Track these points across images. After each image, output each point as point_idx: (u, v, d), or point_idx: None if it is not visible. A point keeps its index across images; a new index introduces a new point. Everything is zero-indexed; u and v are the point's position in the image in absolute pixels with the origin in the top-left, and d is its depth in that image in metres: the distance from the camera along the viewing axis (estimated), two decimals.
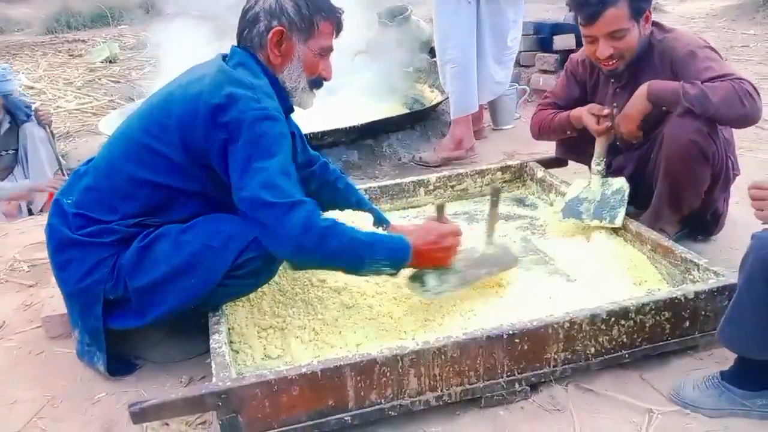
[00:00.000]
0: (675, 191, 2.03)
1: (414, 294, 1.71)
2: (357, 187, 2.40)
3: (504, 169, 2.59)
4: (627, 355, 1.55)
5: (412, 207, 2.52)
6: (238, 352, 1.64)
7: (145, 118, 1.65)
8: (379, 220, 2.09)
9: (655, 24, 2.13)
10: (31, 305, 2.11)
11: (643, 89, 1.97)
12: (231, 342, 1.64)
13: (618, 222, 2.04)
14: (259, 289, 1.72)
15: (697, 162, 1.93)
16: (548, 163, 2.57)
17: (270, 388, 1.33)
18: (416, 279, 1.68)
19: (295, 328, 1.68)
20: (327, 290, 1.76)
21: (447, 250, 1.65)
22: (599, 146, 2.15)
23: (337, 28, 1.73)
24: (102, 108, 5.44)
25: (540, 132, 2.39)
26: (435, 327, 1.66)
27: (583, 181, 2.19)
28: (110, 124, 3.89)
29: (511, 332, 1.44)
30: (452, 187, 2.55)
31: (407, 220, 2.42)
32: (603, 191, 2.10)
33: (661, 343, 1.57)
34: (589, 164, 2.28)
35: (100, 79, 6.64)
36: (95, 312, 1.60)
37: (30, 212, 4.00)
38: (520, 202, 2.52)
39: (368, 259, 1.53)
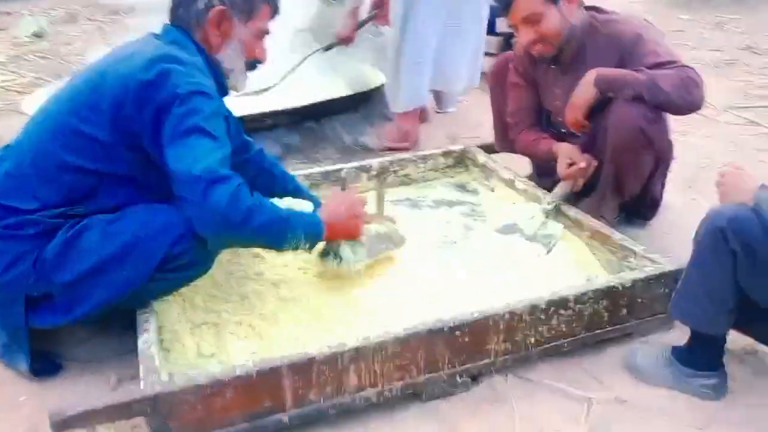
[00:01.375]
0: (619, 177, 2.05)
1: (328, 268, 1.74)
2: (299, 172, 2.38)
3: (446, 154, 2.57)
4: (566, 345, 1.56)
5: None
6: (169, 351, 1.56)
7: (72, 99, 1.55)
8: (315, 202, 2.06)
9: (594, 8, 2.14)
10: None
11: (589, 76, 1.97)
12: (162, 340, 1.57)
13: (554, 252, 1.98)
14: (192, 284, 1.65)
15: (642, 148, 1.96)
16: (490, 148, 2.57)
17: (202, 392, 1.28)
18: (329, 254, 1.73)
19: (231, 324, 1.63)
20: (264, 283, 1.70)
21: (357, 218, 1.75)
22: (560, 189, 2.11)
23: (274, 11, 1.70)
24: (28, 85, 5.12)
25: (531, 158, 2.41)
26: (374, 319, 1.63)
27: (527, 210, 2.14)
28: (35, 103, 3.64)
29: (452, 324, 1.43)
30: (395, 172, 2.51)
31: None
32: (538, 230, 2.05)
33: (599, 331, 1.59)
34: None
35: (26, 54, 6.29)
36: (16, 310, 1.50)
37: None
38: (462, 187, 2.50)
39: (290, 234, 1.53)
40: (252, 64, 1.72)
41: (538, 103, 2.30)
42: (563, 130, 2.21)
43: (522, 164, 2.54)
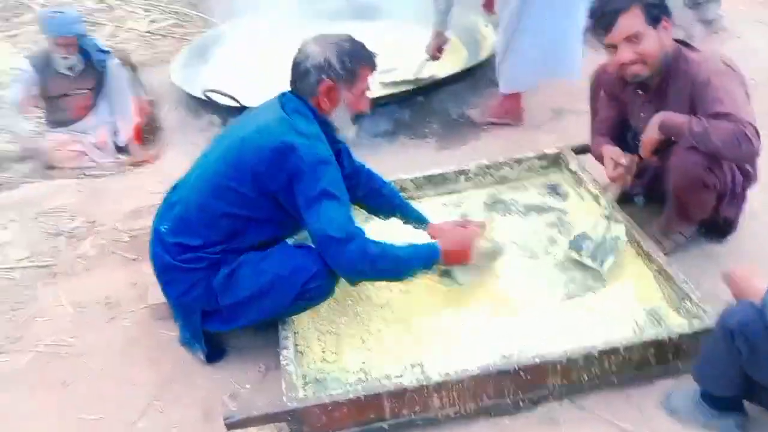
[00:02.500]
0: (682, 209, 2.27)
1: (446, 286, 2.17)
2: (405, 177, 2.73)
3: (541, 158, 2.80)
4: (616, 380, 1.90)
5: (454, 193, 2.79)
6: (303, 354, 2.06)
7: (220, 161, 2.00)
8: (419, 220, 2.42)
9: (683, 43, 2.23)
10: (136, 284, 2.57)
11: (656, 119, 2.15)
12: (297, 344, 2.08)
13: (605, 269, 2.22)
14: None
15: (699, 192, 2.16)
16: (585, 149, 2.76)
17: (326, 408, 1.77)
18: (446, 275, 2.14)
19: (347, 336, 2.09)
20: (372, 305, 2.15)
21: (469, 250, 2.10)
22: (611, 190, 2.37)
23: (373, 69, 2.06)
24: (170, 30, 5.66)
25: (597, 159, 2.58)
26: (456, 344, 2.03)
27: (592, 219, 2.37)
28: (179, 70, 4.18)
29: (517, 367, 1.81)
30: (491, 174, 2.79)
31: (447, 207, 2.71)
32: (604, 234, 2.26)
33: (645, 372, 1.90)
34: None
35: None
36: (194, 320, 2.07)
37: (116, 146, 4.43)
38: (554, 189, 2.74)
39: (408, 271, 2.01)
40: (359, 117, 2.10)
41: (619, 119, 2.47)
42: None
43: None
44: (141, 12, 6.08)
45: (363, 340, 2.08)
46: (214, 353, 2.17)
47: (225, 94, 3.47)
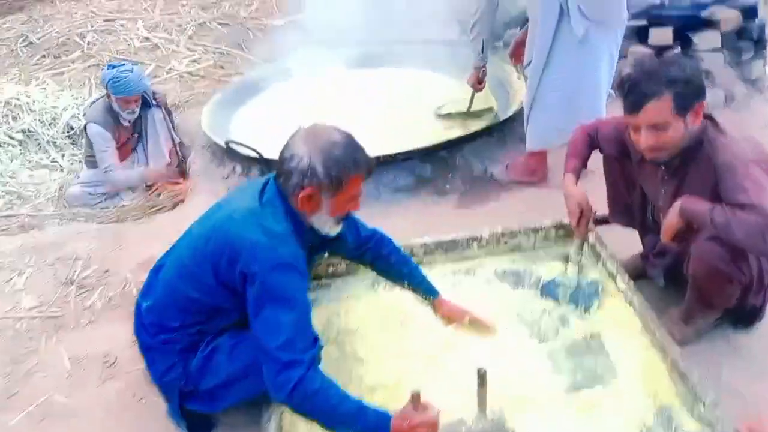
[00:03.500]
0: (704, 299, 2.11)
1: None
2: (415, 241, 2.64)
3: (558, 227, 2.67)
4: None
5: (465, 260, 2.68)
6: None
7: (191, 246, 1.95)
8: (428, 291, 2.33)
9: (711, 120, 2.09)
10: (136, 342, 2.55)
11: (677, 205, 2.02)
12: (281, 426, 1.99)
13: (591, 314, 2.24)
14: None
15: (722, 284, 2.01)
16: (605, 219, 2.62)
17: None
18: None
19: None
20: (366, 388, 2.03)
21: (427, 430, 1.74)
22: (578, 239, 2.41)
23: (369, 175, 1.91)
24: (210, 70, 5.77)
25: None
26: None
27: (560, 265, 2.44)
28: (210, 115, 4.23)
29: None
30: (505, 242, 2.68)
31: (457, 276, 2.60)
32: (579, 279, 2.32)
33: None
34: (635, 227, 2.44)
35: (210, 22, 6.94)
36: (174, 400, 2.01)
37: (147, 185, 4.49)
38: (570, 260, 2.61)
39: (343, 428, 1.76)
40: (344, 217, 1.97)
41: (612, 151, 2.38)
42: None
43: (634, 239, 2.58)
44: (185, 51, 6.23)
45: None
46: (200, 427, 2.10)
47: (246, 146, 3.47)
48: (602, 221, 2.64)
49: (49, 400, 2.32)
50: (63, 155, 4.78)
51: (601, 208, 2.66)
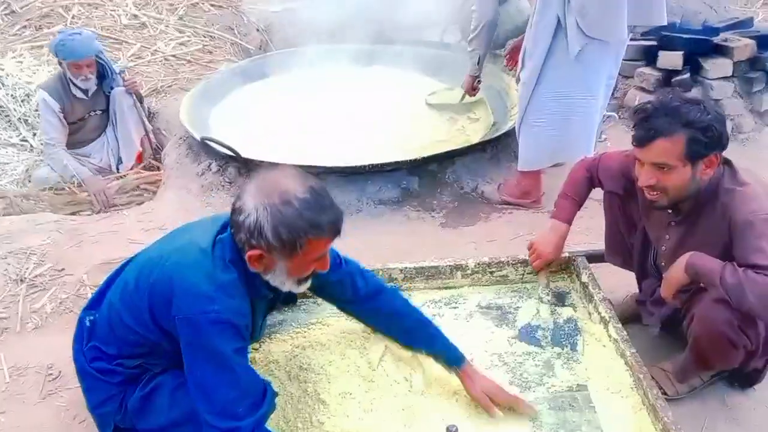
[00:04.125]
0: (702, 361, 1.96)
1: None
2: (395, 266, 2.44)
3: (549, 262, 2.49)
4: None
5: (447, 288, 2.50)
6: None
7: (137, 271, 1.72)
8: (453, 360, 1.97)
9: (729, 166, 1.91)
10: None
11: (683, 260, 1.84)
12: None
13: (579, 349, 2.13)
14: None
15: (725, 351, 1.84)
16: (599, 257, 2.45)
17: None
18: None
19: None
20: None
21: None
22: (544, 278, 2.35)
23: (333, 236, 1.63)
24: (197, 55, 5.53)
25: None
26: None
27: (530, 309, 2.32)
28: (189, 106, 4.00)
29: None
30: (491, 273, 2.49)
31: (438, 305, 2.41)
32: (554, 319, 2.24)
33: None
34: (632, 269, 2.31)
35: (204, 2, 6.67)
36: None
37: (119, 171, 4.31)
38: (560, 299, 2.42)
39: None
40: (308, 278, 1.69)
41: (616, 189, 2.22)
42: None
43: (630, 279, 2.41)
44: (174, 33, 5.96)
45: None
46: None
47: (223, 144, 3.26)
48: (597, 259, 2.47)
49: None
50: (34, 134, 4.53)
51: (598, 241, 2.50)
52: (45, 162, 4.15)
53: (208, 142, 3.34)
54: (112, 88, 4.12)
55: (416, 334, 1.98)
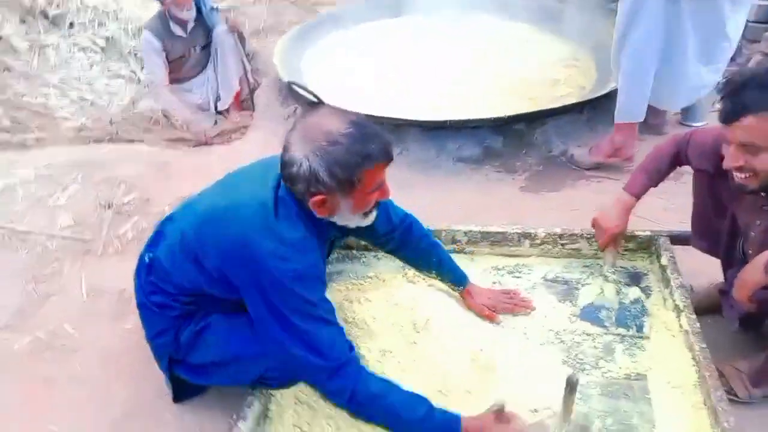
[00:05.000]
0: None
1: None
2: (459, 228, 2.36)
3: (629, 239, 2.30)
4: None
5: (513, 256, 2.38)
6: (271, 420, 1.82)
7: (200, 223, 1.71)
8: (459, 280, 2.12)
9: None
10: None
11: (761, 258, 1.63)
12: (268, 408, 1.84)
13: (645, 331, 2.02)
14: None
15: None
16: (682, 240, 2.24)
17: None
18: None
19: (323, 415, 1.81)
20: None
21: None
22: (609, 255, 2.18)
23: (387, 161, 1.61)
24: None
25: None
26: None
27: (594, 287, 2.19)
28: (285, 49, 4.01)
29: None
30: (562, 245, 2.34)
31: (501, 272, 2.31)
32: (620, 300, 2.12)
33: None
34: (718, 256, 2.08)
35: None
36: (163, 363, 1.88)
37: (217, 108, 4.46)
38: (635, 280, 2.24)
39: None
40: (373, 209, 1.69)
41: (704, 168, 1.98)
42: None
43: (716, 267, 2.19)
44: None
45: (338, 427, 1.79)
46: (185, 393, 1.98)
47: (307, 90, 3.25)
48: (681, 241, 2.25)
49: (58, 329, 2.28)
50: (142, 68, 4.74)
51: (685, 223, 2.28)
52: (149, 96, 4.35)
53: (294, 87, 3.34)
54: (212, 25, 4.22)
55: (429, 257, 2.10)
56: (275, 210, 1.61)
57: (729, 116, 1.61)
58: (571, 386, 1.64)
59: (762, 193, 1.78)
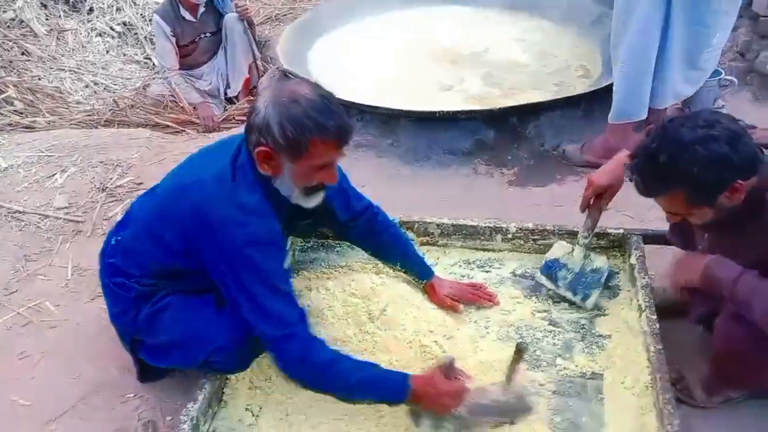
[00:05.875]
0: (728, 379, 1.73)
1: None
2: (431, 220, 2.36)
3: (601, 236, 2.27)
4: None
5: (485, 250, 2.38)
6: (226, 405, 1.87)
7: (163, 200, 1.79)
8: (423, 274, 2.13)
9: None
10: None
11: (702, 261, 1.62)
12: (223, 392, 1.89)
13: (589, 305, 2.07)
14: None
15: (748, 369, 1.59)
16: (658, 240, 2.20)
17: None
18: (414, 413, 1.73)
19: (273, 401, 1.85)
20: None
21: (446, 406, 1.67)
22: (589, 219, 2.11)
23: (340, 143, 1.62)
24: None
25: None
26: None
27: (567, 245, 2.19)
28: (288, 40, 4.03)
29: None
30: (534, 240, 2.33)
31: (470, 266, 2.31)
32: (583, 264, 2.12)
33: None
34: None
35: None
36: (126, 343, 1.94)
37: (226, 96, 4.53)
38: (609, 278, 2.21)
39: (360, 397, 1.71)
40: (315, 189, 1.71)
41: None
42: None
43: None
44: None
45: (287, 412, 1.83)
46: (152, 373, 2.03)
47: (300, 78, 3.27)
48: (657, 240, 2.21)
49: (41, 305, 2.37)
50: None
51: None
52: (159, 80, 4.44)
53: (289, 75, 3.37)
54: (223, 11, 4.27)
55: (393, 249, 2.12)
56: (233, 175, 1.66)
57: (643, 194, 1.62)
58: (518, 352, 1.67)
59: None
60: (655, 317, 1.93)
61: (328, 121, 1.57)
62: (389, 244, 2.12)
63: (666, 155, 1.50)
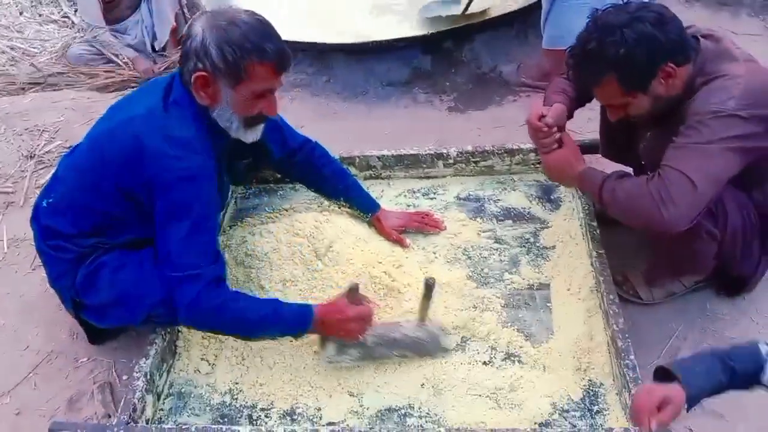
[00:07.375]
0: (668, 261, 1.81)
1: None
2: (372, 153, 2.34)
3: (536, 150, 2.28)
4: None
5: (428, 177, 2.37)
6: (180, 357, 1.86)
7: (91, 149, 1.73)
8: (368, 207, 2.13)
9: (717, 45, 1.61)
10: None
11: (577, 168, 1.74)
12: (176, 345, 1.87)
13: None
14: None
15: (684, 258, 1.66)
16: (591, 149, 2.22)
17: None
18: (322, 341, 1.75)
19: (229, 348, 1.85)
20: None
21: (351, 331, 1.68)
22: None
23: (279, 67, 1.59)
24: None
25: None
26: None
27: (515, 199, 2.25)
28: None
29: None
30: (475, 162, 2.33)
31: (416, 194, 2.31)
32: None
33: None
34: (628, 164, 2.07)
35: None
36: (68, 306, 1.88)
37: (153, 49, 4.32)
38: (546, 194, 2.25)
39: (260, 333, 1.70)
40: (255, 119, 1.68)
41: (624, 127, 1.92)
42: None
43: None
44: None
45: (243, 358, 1.83)
46: (102, 335, 2.00)
47: None
48: (593, 150, 2.23)
49: None
50: (75, 11, 4.57)
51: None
52: (84, 40, 4.19)
53: None
54: None
55: (337, 184, 2.11)
56: (165, 109, 1.62)
57: (582, 87, 1.72)
58: (427, 289, 1.69)
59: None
60: (595, 224, 1.97)
61: (267, 44, 1.55)
62: (330, 178, 2.10)
63: (595, 41, 1.52)
